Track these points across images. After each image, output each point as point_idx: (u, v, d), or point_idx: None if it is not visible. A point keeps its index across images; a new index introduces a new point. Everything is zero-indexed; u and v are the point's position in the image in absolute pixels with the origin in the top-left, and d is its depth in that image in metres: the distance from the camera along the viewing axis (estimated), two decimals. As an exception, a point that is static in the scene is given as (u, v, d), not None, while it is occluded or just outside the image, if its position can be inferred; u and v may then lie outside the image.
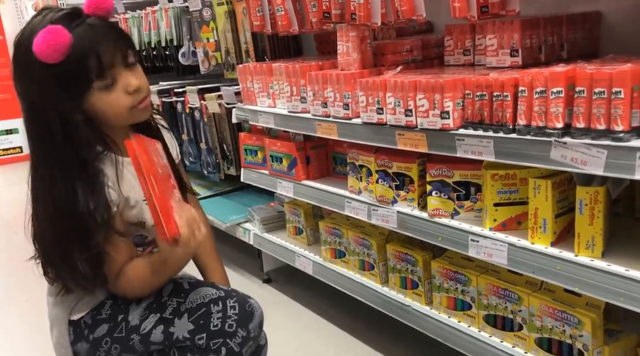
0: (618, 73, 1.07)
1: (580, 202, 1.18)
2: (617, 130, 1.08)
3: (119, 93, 1.20)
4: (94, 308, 1.33)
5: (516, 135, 1.25)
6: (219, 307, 1.30)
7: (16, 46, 1.19)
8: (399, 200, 1.64)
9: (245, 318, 1.31)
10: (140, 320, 1.31)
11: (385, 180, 1.67)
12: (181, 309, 1.30)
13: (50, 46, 1.09)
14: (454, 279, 1.54)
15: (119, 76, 1.20)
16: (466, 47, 1.71)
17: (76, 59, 1.13)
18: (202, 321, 1.28)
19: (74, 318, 1.33)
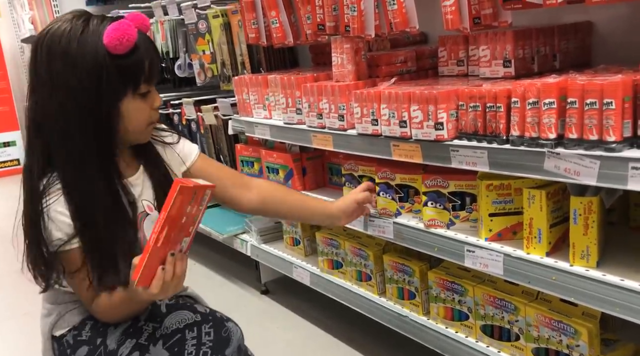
0: (609, 84, 1.08)
1: (574, 212, 1.19)
2: (609, 141, 1.09)
3: (147, 106, 1.24)
4: (75, 327, 1.31)
5: (510, 146, 1.26)
6: (194, 333, 1.26)
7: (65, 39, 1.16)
8: (403, 212, 1.64)
9: (221, 344, 1.27)
10: (118, 344, 1.28)
11: (387, 192, 1.67)
12: (156, 335, 1.27)
13: (124, 36, 1.13)
14: (450, 289, 1.55)
15: (152, 90, 1.25)
16: (460, 58, 1.72)
17: (137, 57, 1.18)
18: (176, 349, 1.24)
19: (56, 334, 1.32)
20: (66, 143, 1.18)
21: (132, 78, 1.19)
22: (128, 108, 1.20)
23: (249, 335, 1.38)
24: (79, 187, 1.18)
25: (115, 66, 1.15)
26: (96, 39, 1.14)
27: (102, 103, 1.16)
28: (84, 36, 1.15)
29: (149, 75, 1.21)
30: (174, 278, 1.09)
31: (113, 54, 1.14)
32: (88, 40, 1.15)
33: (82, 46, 1.14)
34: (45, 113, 1.18)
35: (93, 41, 1.14)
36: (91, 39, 1.15)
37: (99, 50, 1.14)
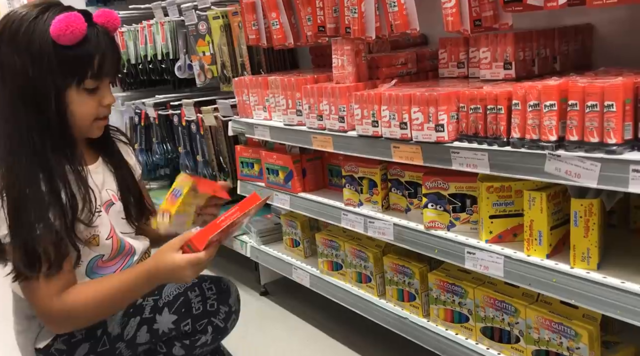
0: (610, 86, 1.08)
1: (575, 214, 1.19)
2: (610, 143, 1.09)
3: (94, 101, 1.24)
4: (61, 334, 1.30)
5: (510, 148, 1.26)
6: (196, 292, 1.36)
7: (17, 22, 1.18)
8: (412, 208, 1.64)
9: (224, 295, 1.39)
10: (122, 327, 1.32)
11: (399, 188, 1.68)
12: (159, 305, 1.34)
13: (69, 28, 1.14)
14: (450, 291, 1.54)
15: (103, 87, 1.26)
16: (460, 60, 1.72)
17: (83, 51, 1.19)
18: (183, 309, 1.33)
19: (40, 347, 1.31)
20: (11, 123, 1.18)
21: (76, 70, 1.19)
22: (72, 100, 1.20)
23: (248, 336, 1.40)
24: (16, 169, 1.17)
25: (59, 56, 1.16)
26: (46, 27, 1.16)
27: (44, 89, 1.17)
28: (35, 22, 1.17)
29: (97, 70, 1.20)
30: (208, 263, 1.20)
31: (58, 44, 1.15)
32: (37, 26, 1.17)
33: (31, 32, 1.17)
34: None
35: (42, 28, 1.16)
36: (41, 26, 1.17)
37: (46, 37, 1.16)
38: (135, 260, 1.41)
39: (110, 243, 1.32)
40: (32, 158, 1.18)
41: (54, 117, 1.19)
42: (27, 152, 1.18)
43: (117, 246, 1.34)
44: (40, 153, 1.19)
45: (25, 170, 1.17)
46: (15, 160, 1.17)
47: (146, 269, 1.21)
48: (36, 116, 1.18)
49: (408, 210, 1.66)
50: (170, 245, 1.20)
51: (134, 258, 1.40)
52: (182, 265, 1.16)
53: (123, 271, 1.30)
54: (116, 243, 1.34)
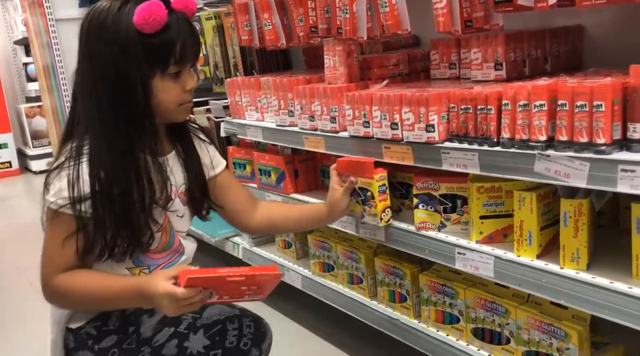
0: (599, 86, 1.08)
1: (565, 215, 1.19)
2: (599, 143, 1.09)
3: (178, 87, 1.25)
4: (96, 319, 1.30)
5: (500, 148, 1.26)
6: (235, 325, 1.33)
7: (102, 15, 1.21)
8: (404, 208, 1.64)
9: (260, 338, 1.36)
10: (154, 332, 1.29)
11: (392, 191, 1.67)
12: (197, 324, 1.31)
13: (152, 16, 1.16)
14: (441, 292, 1.54)
15: (185, 72, 1.26)
16: (452, 61, 1.72)
17: (166, 38, 1.20)
18: (217, 338, 1.30)
19: (72, 327, 1.30)
20: (98, 113, 1.20)
21: (161, 58, 1.21)
22: (157, 87, 1.22)
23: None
24: (103, 156, 1.19)
25: (143, 44, 1.18)
26: (129, 17, 1.18)
27: (131, 78, 1.19)
28: (120, 13, 1.19)
29: (179, 56, 1.22)
30: (187, 307, 1.14)
31: (142, 33, 1.17)
32: (122, 17, 1.18)
33: (116, 22, 1.18)
34: (84, 83, 1.22)
35: (126, 19, 1.18)
36: (125, 17, 1.18)
37: (130, 27, 1.17)
38: (183, 260, 1.38)
39: (159, 237, 1.30)
40: (117, 148, 1.20)
41: (140, 105, 1.20)
42: (112, 143, 1.20)
43: (166, 241, 1.33)
44: (125, 143, 1.20)
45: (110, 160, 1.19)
46: (101, 149, 1.19)
47: (135, 285, 1.20)
48: (123, 106, 1.20)
49: (399, 210, 1.65)
50: (165, 272, 1.19)
51: (181, 257, 1.37)
52: (161, 295, 1.13)
53: (121, 276, 1.27)
54: (165, 237, 1.32)
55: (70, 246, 1.20)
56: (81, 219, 1.19)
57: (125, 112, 1.20)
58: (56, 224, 1.20)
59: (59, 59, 3.50)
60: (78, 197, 1.17)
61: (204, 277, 1.12)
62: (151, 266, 1.31)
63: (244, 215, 1.51)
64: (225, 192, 1.47)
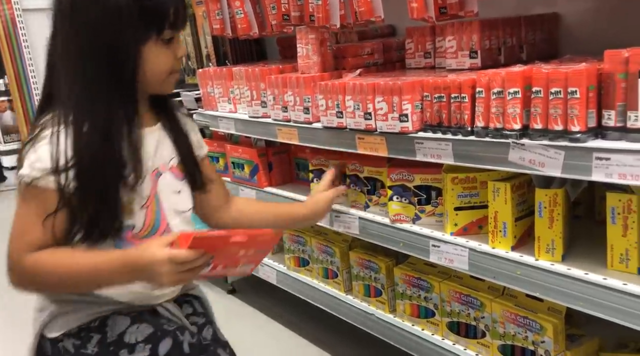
0: (573, 72, 1.05)
1: (540, 205, 1.16)
2: (574, 131, 1.06)
3: (169, 54, 1.19)
4: (73, 335, 1.21)
5: (474, 138, 1.22)
6: None
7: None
8: (371, 205, 1.60)
9: None
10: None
11: (357, 184, 1.63)
12: None
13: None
14: (416, 286, 1.51)
15: (176, 38, 1.20)
16: (427, 50, 1.69)
17: (160, 0, 1.14)
18: None
19: (49, 336, 1.21)
20: (83, 82, 1.11)
21: (156, 21, 1.14)
22: (150, 52, 1.15)
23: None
24: (87, 126, 1.10)
25: (138, 7, 1.11)
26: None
27: (121, 43, 1.11)
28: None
29: (173, 20, 1.16)
30: (187, 273, 1.05)
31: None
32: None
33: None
34: (65, 51, 1.13)
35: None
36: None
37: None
38: None
39: (144, 214, 1.20)
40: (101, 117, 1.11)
41: (130, 73, 1.13)
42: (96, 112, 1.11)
43: (151, 220, 1.22)
44: (110, 112, 1.12)
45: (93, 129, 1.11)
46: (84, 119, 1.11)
47: (124, 256, 1.09)
48: (111, 73, 1.12)
49: (367, 207, 1.61)
50: (159, 239, 1.09)
51: None
52: (160, 260, 1.03)
53: (103, 251, 1.14)
54: (150, 215, 1.21)
55: (45, 222, 1.09)
56: (60, 191, 1.08)
57: (112, 79, 1.11)
58: (29, 198, 1.10)
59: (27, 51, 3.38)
60: (56, 168, 1.08)
61: (209, 237, 1.04)
62: None
63: (219, 210, 1.44)
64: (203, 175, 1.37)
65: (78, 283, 1.14)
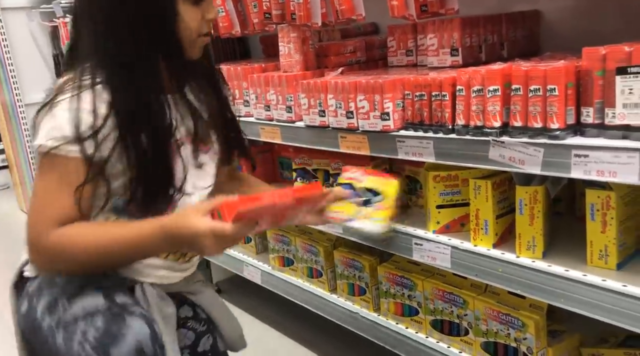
0: (552, 70, 1.05)
1: (520, 202, 1.16)
2: (553, 128, 1.06)
3: (199, 14, 1.12)
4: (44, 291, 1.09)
5: (455, 136, 1.22)
6: None
7: None
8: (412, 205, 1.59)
9: None
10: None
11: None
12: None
13: None
14: (400, 284, 1.51)
15: (207, 0, 1.14)
16: (409, 48, 1.68)
17: None
18: None
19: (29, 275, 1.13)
20: (115, 39, 1.05)
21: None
22: (182, 10, 1.08)
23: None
24: (122, 83, 1.02)
25: None
26: None
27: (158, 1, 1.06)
28: None
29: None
30: (231, 242, 0.98)
31: None
32: None
33: None
34: (97, 7, 1.06)
35: None
36: None
37: None
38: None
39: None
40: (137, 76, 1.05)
41: (167, 24, 1.07)
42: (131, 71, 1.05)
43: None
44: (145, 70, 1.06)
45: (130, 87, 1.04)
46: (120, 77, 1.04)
47: (162, 225, 1.00)
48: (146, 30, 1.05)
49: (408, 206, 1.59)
50: (197, 207, 1.00)
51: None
52: (204, 233, 0.95)
53: (134, 222, 1.05)
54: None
55: (69, 194, 1.00)
56: (87, 160, 1.00)
57: (146, 37, 1.05)
58: (48, 169, 1.01)
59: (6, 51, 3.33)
60: (79, 134, 0.99)
61: (254, 209, 0.97)
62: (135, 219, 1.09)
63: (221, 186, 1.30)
64: None
65: (112, 258, 1.04)
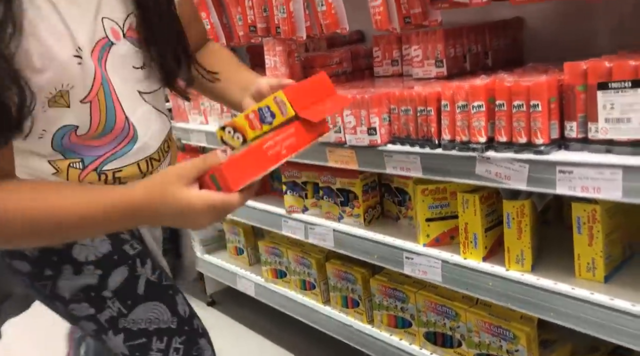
0: (535, 85, 1.05)
1: (508, 216, 1.17)
2: (537, 144, 1.07)
3: None
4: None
5: (442, 151, 1.22)
6: (161, 345, 1.04)
7: None
8: (345, 216, 1.59)
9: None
10: (71, 297, 0.99)
11: (330, 196, 1.62)
12: (119, 324, 1.01)
13: None
14: (393, 296, 1.51)
15: None
16: (394, 58, 1.69)
17: None
18: (137, 353, 1.03)
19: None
20: None
21: None
22: None
23: None
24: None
25: None
26: None
27: None
28: None
29: None
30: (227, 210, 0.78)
31: None
32: None
33: None
34: None
35: None
36: None
37: None
38: (137, 149, 0.93)
39: (88, 111, 0.85)
40: None
41: None
42: None
43: (100, 117, 0.87)
44: None
45: None
46: None
47: (134, 201, 0.78)
48: None
49: (341, 218, 1.60)
50: (180, 172, 0.77)
51: (133, 146, 0.92)
52: (200, 209, 0.76)
53: (97, 188, 0.84)
54: (97, 111, 0.86)
55: None
56: None
57: None
58: None
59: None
60: None
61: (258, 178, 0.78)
62: (86, 157, 0.89)
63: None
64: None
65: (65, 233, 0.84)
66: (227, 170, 0.75)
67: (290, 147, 0.81)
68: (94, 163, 0.90)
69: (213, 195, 0.76)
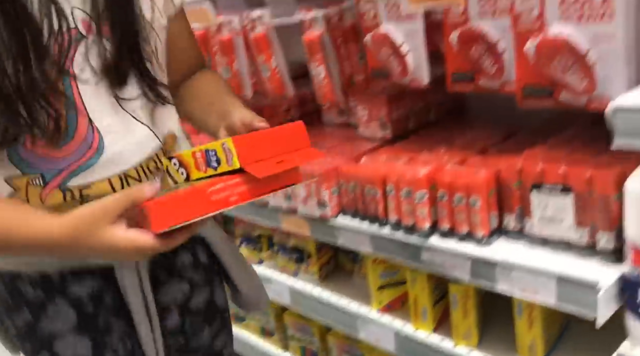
0: (474, 182, 1.09)
1: (454, 297, 1.22)
2: (479, 235, 1.12)
3: None
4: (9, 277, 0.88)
5: (389, 231, 1.26)
6: None
7: None
8: (300, 272, 1.62)
9: None
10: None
11: (285, 252, 1.65)
12: None
13: None
14: (350, 353, 1.56)
15: None
16: (341, 108, 1.70)
17: None
18: None
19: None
20: None
21: None
22: None
23: None
24: None
25: None
26: None
27: None
28: None
29: None
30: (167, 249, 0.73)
31: None
32: None
33: None
34: None
35: None
36: None
37: None
38: (104, 161, 0.82)
39: (44, 111, 0.76)
40: None
41: None
42: None
43: (60, 124, 0.78)
44: None
45: None
46: None
47: (53, 238, 0.74)
48: None
49: (296, 274, 1.64)
50: (106, 209, 0.72)
51: (99, 157, 0.82)
52: (124, 250, 0.71)
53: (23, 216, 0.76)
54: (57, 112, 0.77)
55: None
56: None
57: None
58: None
59: None
60: None
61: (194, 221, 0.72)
62: (45, 172, 0.79)
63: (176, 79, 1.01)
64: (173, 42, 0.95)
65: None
66: (154, 209, 0.70)
67: (242, 194, 0.76)
68: (55, 180, 0.80)
69: (139, 236, 0.71)
